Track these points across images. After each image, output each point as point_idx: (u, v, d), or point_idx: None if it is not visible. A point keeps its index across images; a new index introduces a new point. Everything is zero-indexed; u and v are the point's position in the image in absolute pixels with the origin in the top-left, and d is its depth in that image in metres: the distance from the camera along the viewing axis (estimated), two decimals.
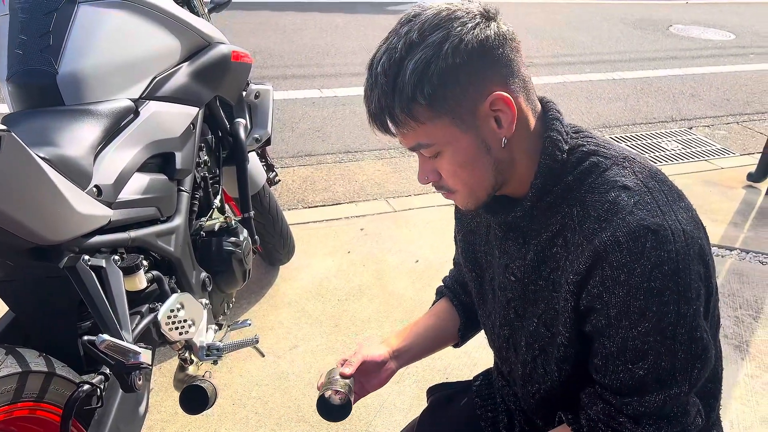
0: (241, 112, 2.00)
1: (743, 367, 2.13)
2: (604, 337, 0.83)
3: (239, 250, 1.77)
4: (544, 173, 0.87)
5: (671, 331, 0.78)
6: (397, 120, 0.82)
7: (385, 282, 2.52)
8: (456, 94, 0.80)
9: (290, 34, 5.85)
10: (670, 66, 5.63)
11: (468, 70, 0.79)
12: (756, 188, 3.39)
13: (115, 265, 1.30)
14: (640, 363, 0.81)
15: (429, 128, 0.83)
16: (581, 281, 0.82)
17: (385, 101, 0.81)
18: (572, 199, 0.86)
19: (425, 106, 0.80)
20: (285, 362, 2.08)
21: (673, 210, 0.81)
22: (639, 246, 0.77)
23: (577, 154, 0.88)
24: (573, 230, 0.85)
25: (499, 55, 0.81)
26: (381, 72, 0.81)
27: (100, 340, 1.12)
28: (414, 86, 0.79)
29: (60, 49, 1.35)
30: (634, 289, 0.78)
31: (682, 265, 0.78)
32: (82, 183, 1.23)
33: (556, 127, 0.88)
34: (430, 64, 0.78)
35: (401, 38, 0.80)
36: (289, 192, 3.24)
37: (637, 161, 0.87)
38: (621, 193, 0.82)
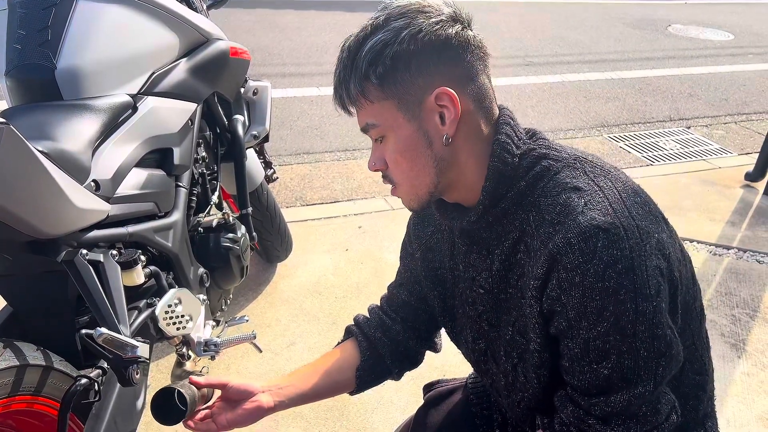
0: (239, 109, 2.00)
1: (740, 365, 2.14)
2: (568, 338, 0.83)
3: (237, 246, 1.78)
4: (494, 177, 0.87)
5: (631, 330, 0.78)
6: (351, 96, 0.87)
7: (382, 280, 2.52)
8: (405, 80, 0.83)
9: (289, 32, 5.85)
10: (669, 66, 5.64)
11: (420, 60, 0.83)
12: (753, 188, 3.40)
13: (113, 259, 1.30)
14: (603, 363, 0.80)
15: (377, 108, 0.86)
16: (541, 285, 0.83)
17: (343, 75, 0.86)
18: (527, 205, 0.87)
19: (376, 85, 0.84)
20: (282, 359, 2.09)
21: (627, 206, 0.81)
22: (590, 246, 0.77)
23: (529, 159, 0.88)
24: (532, 235, 0.85)
25: (456, 56, 0.84)
26: (346, 48, 0.86)
27: (97, 333, 1.12)
28: (368, 64, 0.83)
29: (58, 43, 1.35)
30: (588, 290, 0.78)
31: (637, 262, 0.77)
32: (81, 177, 1.23)
33: (506, 131, 0.88)
34: (387, 46, 0.82)
35: (370, 21, 0.85)
36: (288, 190, 3.24)
37: (589, 161, 0.88)
38: (572, 194, 0.82)
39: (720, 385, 2.05)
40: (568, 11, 7.60)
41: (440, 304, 1.08)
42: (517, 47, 5.86)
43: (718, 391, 2.02)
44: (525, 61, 5.49)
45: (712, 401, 1.01)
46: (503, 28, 6.50)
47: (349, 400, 1.91)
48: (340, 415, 1.88)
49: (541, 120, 4.27)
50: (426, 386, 1.30)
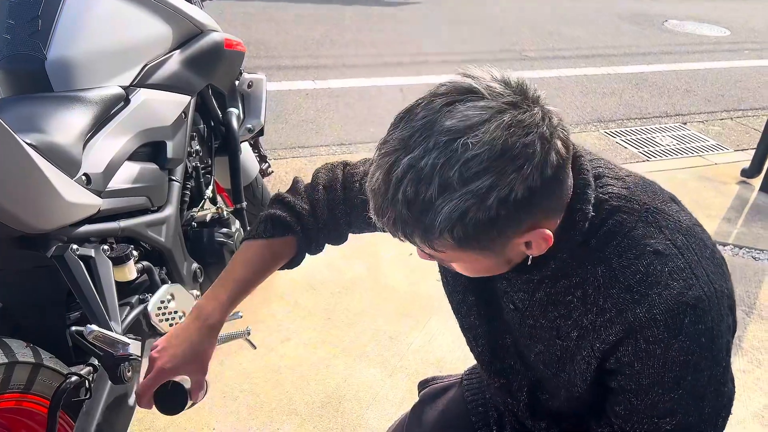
0: (233, 102, 1.98)
1: (735, 362, 2.14)
2: (632, 395, 0.82)
3: (231, 241, 1.76)
4: (570, 245, 0.79)
5: (701, 392, 0.79)
6: (415, 243, 0.73)
7: (378, 275, 2.50)
8: (491, 238, 0.70)
9: (284, 25, 5.81)
10: (665, 61, 5.62)
11: (510, 218, 0.68)
12: (749, 184, 3.40)
13: (104, 254, 1.28)
14: (667, 419, 0.81)
15: (450, 255, 0.74)
16: (609, 349, 0.81)
17: (403, 227, 0.70)
18: (595, 259, 0.80)
19: (452, 244, 0.70)
20: (277, 355, 2.07)
21: (704, 267, 0.78)
22: (678, 323, 0.75)
23: (600, 215, 0.79)
24: (597, 289, 0.80)
25: (551, 192, 0.70)
26: (403, 201, 0.67)
27: (88, 330, 1.11)
28: (443, 230, 0.67)
29: (49, 34, 1.33)
30: (670, 363, 0.77)
31: (716, 332, 0.77)
32: (71, 171, 1.21)
33: (588, 198, 0.78)
34: (468, 213, 0.66)
35: (434, 170, 0.65)
36: (282, 184, 3.22)
37: (661, 210, 0.80)
38: (653, 260, 0.77)
39: None
40: (565, 6, 7.58)
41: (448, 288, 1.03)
42: (513, 41, 5.83)
43: None
44: (521, 56, 5.46)
45: None
46: (501, 23, 6.48)
47: (343, 396, 1.90)
48: (334, 412, 1.87)
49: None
50: (421, 383, 1.29)
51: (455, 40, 5.66)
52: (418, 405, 1.23)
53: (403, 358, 2.07)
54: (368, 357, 2.08)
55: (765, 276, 2.61)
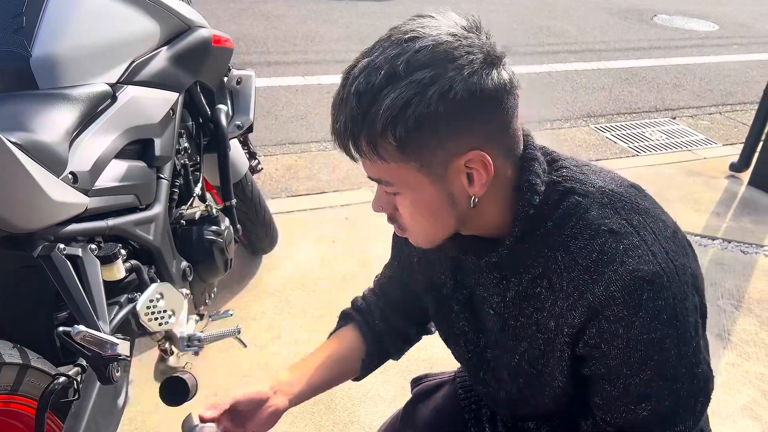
0: (222, 99, 1.96)
1: (725, 356, 2.15)
2: (605, 381, 0.82)
3: (221, 239, 1.74)
4: (524, 221, 0.81)
5: (672, 374, 0.78)
6: (360, 149, 0.74)
7: (369, 271, 2.50)
8: (431, 144, 0.72)
9: (273, 20, 5.78)
10: (655, 56, 5.64)
11: (450, 122, 0.71)
12: (738, 178, 3.42)
13: (92, 254, 1.27)
14: (643, 404, 0.80)
15: (393, 168, 0.75)
16: (577, 333, 0.81)
17: (353, 126, 0.73)
18: (554, 244, 0.81)
19: (394, 146, 0.72)
20: (268, 353, 2.06)
21: (663, 246, 0.77)
22: (636, 299, 0.75)
23: (555, 196, 0.81)
24: (559, 275, 0.81)
25: (491, 110, 0.73)
26: (354, 93, 0.72)
27: (75, 331, 1.09)
28: (386, 123, 0.70)
29: (33, 30, 1.31)
30: (633, 341, 0.76)
31: (680, 308, 0.76)
32: (57, 170, 1.19)
33: (534, 170, 0.81)
34: (410, 104, 0.69)
35: (386, 61, 0.70)
36: (272, 180, 3.21)
37: (616, 193, 0.81)
38: (608, 239, 0.77)
39: None
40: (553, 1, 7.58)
41: (434, 307, 1.05)
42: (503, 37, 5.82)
43: None
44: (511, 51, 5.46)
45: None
46: (490, 18, 6.47)
47: (335, 393, 1.90)
48: (326, 409, 1.87)
49: (527, 110, 4.24)
50: (414, 380, 1.29)
51: None
52: (410, 402, 1.23)
53: None
54: None
55: (754, 270, 2.63)
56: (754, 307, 2.39)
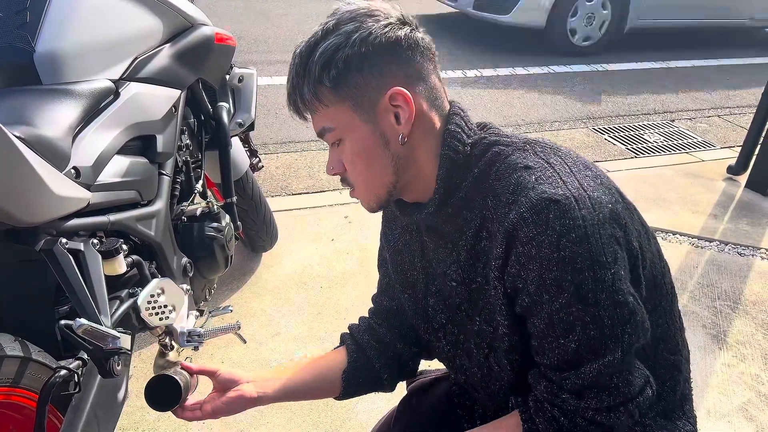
0: (224, 96, 1.97)
1: (720, 356, 2.16)
2: (533, 315, 0.83)
3: (221, 235, 1.75)
4: (447, 165, 0.89)
5: (592, 298, 0.78)
6: (306, 100, 0.87)
7: (368, 269, 2.51)
8: (358, 82, 0.85)
9: (275, 20, 5.78)
10: (654, 58, 5.65)
11: (372, 62, 0.84)
12: (736, 181, 3.43)
13: (93, 248, 1.27)
14: (569, 336, 0.81)
15: (332, 112, 0.87)
16: (502, 265, 0.83)
17: (296, 81, 0.87)
18: (484, 191, 0.88)
19: (330, 88, 0.85)
20: (267, 349, 2.07)
21: (578, 179, 0.82)
22: (543, 218, 0.78)
23: (480, 147, 0.90)
24: (491, 220, 0.86)
25: (407, 57, 0.86)
26: (297, 54, 0.87)
27: (77, 324, 1.10)
28: (321, 68, 0.84)
29: (37, 26, 1.32)
30: (545, 261, 0.78)
31: (591, 231, 0.78)
32: (60, 164, 1.20)
33: (455, 121, 0.90)
34: (338, 50, 0.84)
35: (321, 27, 0.86)
36: (273, 179, 3.22)
37: (540, 143, 0.90)
38: (523, 172, 0.83)
39: (701, 376, 2.07)
40: None
41: (412, 306, 1.08)
42: (506, 41, 5.84)
43: (699, 382, 2.04)
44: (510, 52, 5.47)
45: (688, 383, 1.02)
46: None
47: None
48: (324, 405, 1.88)
49: (526, 111, 4.27)
50: None
51: (443, 35, 5.66)
52: (406, 398, 1.24)
53: None
54: None
55: (750, 272, 2.64)
56: (750, 309, 2.40)
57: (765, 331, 2.29)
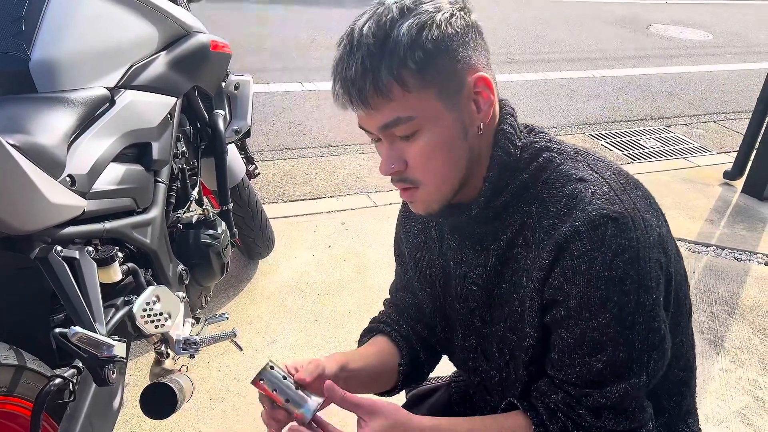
0: (220, 103, 1.97)
1: (718, 361, 2.16)
2: (562, 328, 0.81)
3: (217, 242, 1.75)
4: (498, 167, 0.85)
5: (630, 321, 0.78)
6: (380, 86, 0.76)
7: (365, 276, 2.51)
8: (446, 66, 0.78)
9: (272, 27, 5.80)
10: (650, 65, 5.68)
11: (458, 44, 0.78)
12: (732, 186, 3.44)
13: (88, 256, 1.27)
14: (598, 356, 0.79)
15: (414, 99, 0.77)
16: (544, 277, 0.81)
17: (371, 63, 0.75)
18: (529, 197, 0.85)
19: (415, 71, 0.76)
20: (263, 357, 2.06)
21: (631, 198, 0.81)
22: (599, 234, 0.77)
23: (531, 151, 0.87)
24: (533, 228, 0.84)
25: (480, 41, 0.82)
26: (367, 33, 0.76)
27: (72, 332, 1.10)
28: (407, 48, 0.75)
29: (33, 34, 1.32)
30: (594, 279, 0.77)
31: (642, 253, 0.77)
32: (55, 172, 1.20)
33: (509, 121, 0.87)
34: (424, 29, 0.76)
35: (389, 7, 0.77)
36: (270, 186, 3.22)
37: (591, 154, 0.88)
38: (578, 185, 0.81)
39: (699, 381, 2.06)
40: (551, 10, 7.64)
41: (430, 304, 1.06)
42: (500, 45, 5.87)
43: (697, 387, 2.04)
44: (508, 59, 5.50)
45: (693, 398, 1.01)
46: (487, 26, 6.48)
47: None
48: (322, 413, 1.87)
49: (524, 117, 4.27)
50: None
51: None
52: (405, 407, 1.24)
53: None
54: None
55: (747, 277, 2.65)
56: (747, 314, 2.40)
57: (762, 336, 2.29)
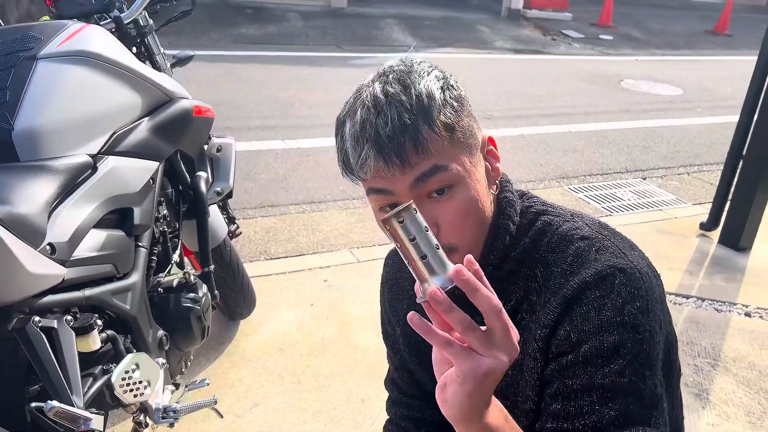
0: (202, 166, 1.99)
1: (704, 416, 2.15)
2: (569, 377, 0.76)
3: (198, 306, 1.73)
4: (504, 234, 0.86)
5: (641, 371, 0.74)
6: (421, 139, 0.76)
7: (349, 335, 2.48)
8: (468, 122, 0.82)
9: (254, 86, 5.90)
10: (623, 119, 5.85)
11: (468, 103, 0.84)
12: (708, 237, 3.51)
13: (67, 325, 1.25)
14: (610, 404, 0.74)
15: (450, 152, 0.78)
16: (550, 333, 0.79)
17: (409, 118, 0.76)
18: (532, 262, 0.85)
19: (449, 125, 0.79)
20: (245, 422, 2.02)
21: (632, 255, 0.82)
22: (608, 283, 0.77)
23: (529, 216, 0.89)
24: (538, 292, 0.84)
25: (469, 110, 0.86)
26: (396, 93, 0.77)
27: (48, 407, 1.07)
28: (441, 102, 0.78)
29: (17, 104, 1.33)
30: (606, 324, 0.75)
31: (651, 306, 0.77)
32: (35, 241, 1.19)
33: (510, 189, 0.90)
34: (445, 88, 0.80)
35: (402, 72, 0.80)
36: (252, 243, 3.21)
37: (585, 216, 0.90)
38: (581, 243, 0.82)
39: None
40: (526, 67, 7.88)
41: (429, 382, 1.03)
42: (478, 101, 6.02)
43: None
44: (485, 115, 5.63)
45: None
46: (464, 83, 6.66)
47: None
48: None
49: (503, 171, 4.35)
50: None
51: None
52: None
53: (375, 421, 2.04)
54: (340, 421, 2.04)
55: (728, 328, 2.67)
56: (731, 366, 2.41)
57: (746, 389, 2.29)
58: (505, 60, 8.27)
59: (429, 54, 8.01)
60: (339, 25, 9.04)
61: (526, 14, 10.83)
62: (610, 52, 9.28)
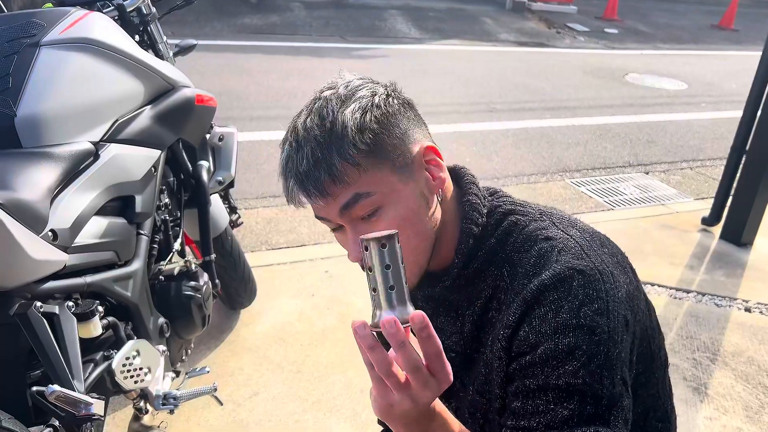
0: (204, 155, 1.99)
1: (702, 410, 2.16)
2: (527, 377, 0.78)
3: (199, 294, 1.74)
4: (467, 238, 0.87)
5: (597, 373, 0.75)
6: (335, 172, 0.79)
7: (348, 325, 2.49)
8: (393, 141, 0.82)
9: (256, 76, 5.89)
10: (627, 113, 5.83)
11: (399, 119, 0.84)
12: (710, 232, 3.50)
13: (68, 311, 1.26)
14: (564, 403, 0.75)
15: (369, 177, 0.80)
16: (511, 334, 0.81)
17: (321, 153, 0.79)
18: (499, 261, 0.87)
19: (366, 152, 0.80)
20: (245, 410, 2.03)
21: (598, 254, 0.82)
22: (566, 285, 0.77)
23: (496, 216, 0.89)
24: (505, 290, 0.85)
25: (418, 116, 0.88)
26: (311, 126, 0.81)
27: (49, 391, 1.08)
28: (354, 131, 0.80)
29: (19, 91, 1.34)
30: (562, 327, 0.76)
31: (611, 306, 0.78)
32: (37, 227, 1.20)
33: (474, 191, 0.91)
34: (367, 111, 0.81)
35: (327, 99, 0.82)
36: (253, 233, 3.22)
37: (555, 213, 0.90)
38: (544, 244, 0.83)
39: (684, 429, 2.06)
40: (530, 60, 7.85)
41: None
42: (481, 94, 6.00)
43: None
44: (489, 108, 5.62)
45: None
46: (468, 75, 6.67)
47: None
48: None
49: (505, 165, 4.35)
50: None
51: (423, 93, 5.80)
52: None
53: None
54: (339, 411, 2.05)
55: (728, 323, 2.67)
56: (730, 360, 2.42)
57: (745, 383, 2.30)
58: (509, 52, 8.23)
59: (433, 46, 7.99)
60: (342, 16, 9.01)
61: (531, 7, 10.78)
62: (615, 45, 9.23)
